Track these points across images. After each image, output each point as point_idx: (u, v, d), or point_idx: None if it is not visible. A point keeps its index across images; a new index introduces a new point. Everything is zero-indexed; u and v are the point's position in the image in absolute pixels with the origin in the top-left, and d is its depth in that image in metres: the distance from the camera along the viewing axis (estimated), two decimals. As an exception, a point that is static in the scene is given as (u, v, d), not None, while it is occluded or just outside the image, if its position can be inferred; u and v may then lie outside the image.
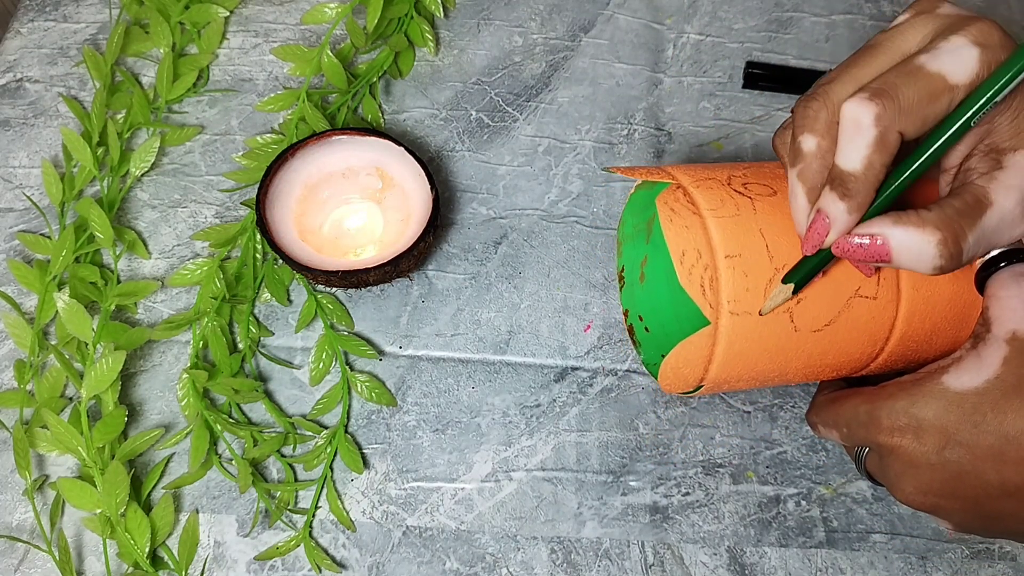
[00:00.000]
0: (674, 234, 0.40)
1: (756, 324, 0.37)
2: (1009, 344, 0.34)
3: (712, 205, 0.37)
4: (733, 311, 0.36)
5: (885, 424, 0.36)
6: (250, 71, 0.56)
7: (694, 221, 0.39)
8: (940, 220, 0.33)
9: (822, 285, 0.37)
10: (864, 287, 0.38)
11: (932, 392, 0.35)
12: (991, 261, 0.36)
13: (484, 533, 0.44)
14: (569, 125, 0.54)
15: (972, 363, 0.35)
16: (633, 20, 0.57)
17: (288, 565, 0.43)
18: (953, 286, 0.39)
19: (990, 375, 0.34)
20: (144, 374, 0.47)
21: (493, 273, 0.50)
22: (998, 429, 0.34)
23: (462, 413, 0.46)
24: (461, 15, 0.57)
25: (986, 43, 0.32)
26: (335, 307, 0.48)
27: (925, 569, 0.44)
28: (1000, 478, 0.34)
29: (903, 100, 0.32)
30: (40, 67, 0.55)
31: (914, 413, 0.35)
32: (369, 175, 0.49)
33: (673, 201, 0.40)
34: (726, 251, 0.36)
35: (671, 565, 0.43)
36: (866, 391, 0.38)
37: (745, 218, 0.37)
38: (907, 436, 0.35)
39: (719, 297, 0.36)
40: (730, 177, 0.39)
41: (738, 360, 0.38)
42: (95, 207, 0.48)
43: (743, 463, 0.45)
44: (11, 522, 0.44)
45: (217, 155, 0.53)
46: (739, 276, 0.36)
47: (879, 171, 0.33)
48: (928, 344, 0.40)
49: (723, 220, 0.37)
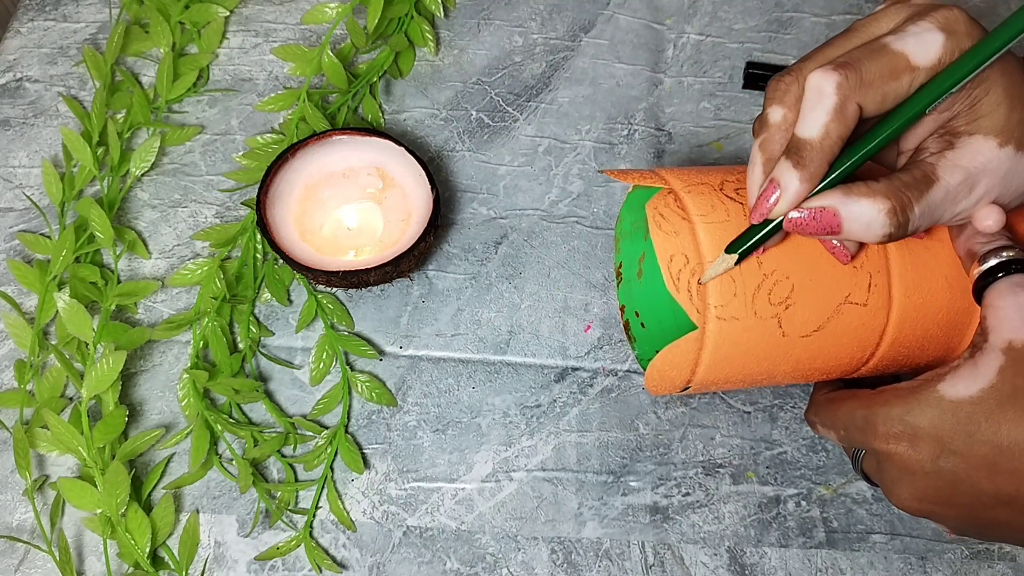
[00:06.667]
0: (662, 239, 0.40)
1: (743, 329, 0.37)
2: (1005, 354, 0.34)
3: (702, 211, 0.38)
4: (720, 316, 0.37)
5: (881, 430, 0.36)
6: (250, 71, 0.56)
7: (683, 227, 0.40)
8: (889, 190, 0.34)
9: (811, 291, 0.37)
10: (854, 294, 0.38)
11: (927, 400, 0.35)
12: (989, 271, 0.36)
13: (484, 533, 0.44)
14: (569, 125, 0.54)
15: (968, 372, 0.35)
16: (633, 20, 0.57)
17: (288, 565, 0.43)
18: (947, 293, 0.39)
19: (985, 384, 0.34)
20: (144, 374, 0.47)
21: (493, 273, 0.50)
22: (992, 439, 0.34)
23: (462, 413, 0.46)
24: (461, 15, 0.57)
25: (952, 30, 0.33)
26: (335, 307, 0.48)
27: (925, 569, 0.44)
28: (994, 488, 0.34)
29: (865, 74, 0.33)
30: (40, 67, 0.55)
31: (909, 421, 0.35)
32: (369, 175, 0.49)
33: (663, 207, 0.41)
34: (714, 257, 0.37)
35: (671, 565, 0.43)
36: (863, 395, 0.38)
37: (735, 224, 0.37)
38: (902, 443, 0.35)
39: (706, 302, 0.37)
40: (723, 182, 0.39)
41: (725, 363, 0.38)
42: (95, 207, 0.48)
43: (743, 463, 0.46)
44: (11, 522, 0.44)
45: (217, 155, 0.53)
46: (726, 281, 0.36)
47: (835, 142, 0.33)
48: (920, 350, 0.40)
49: (712, 226, 0.37)
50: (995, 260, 0.36)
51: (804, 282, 0.37)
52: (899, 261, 0.38)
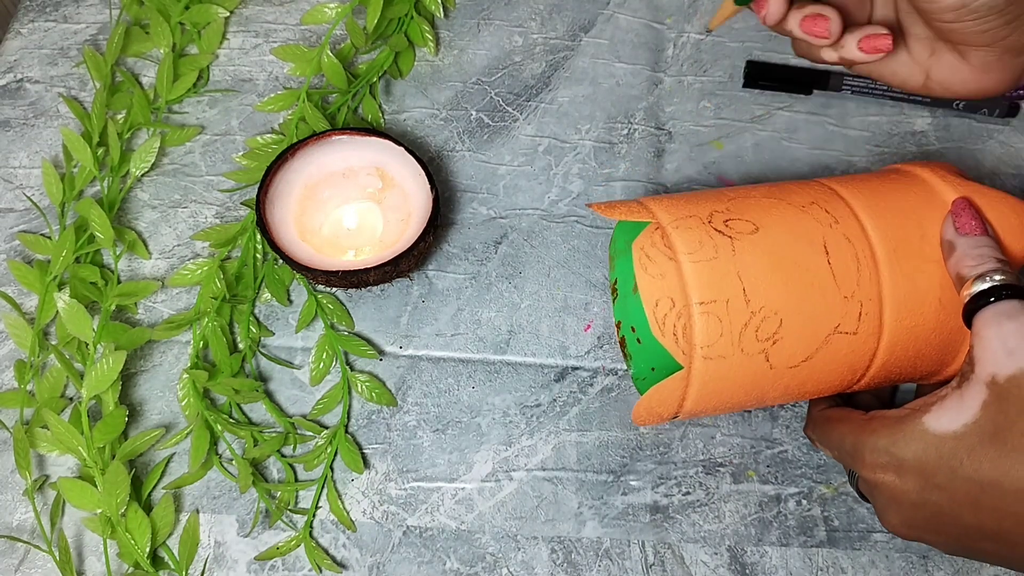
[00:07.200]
0: (647, 283, 0.40)
1: (730, 366, 0.37)
2: (988, 388, 0.34)
3: (690, 247, 0.37)
4: (707, 356, 0.36)
5: (868, 460, 0.37)
6: (250, 71, 0.56)
7: (669, 267, 0.39)
8: None
9: (800, 325, 0.37)
10: (844, 323, 0.37)
11: (913, 433, 0.35)
12: (980, 295, 0.36)
13: (484, 533, 0.44)
14: (569, 125, 0.54)
15: (954, 404, 0.35)
16: (633, 20, 0.57)
17: (288, 565, 0.43)
18: (940, 315, 0.38)
19: (968, 420, 0.34)
20: (144, 374, 0.47)
21: (493, 273, 0.50)
22: (974, 476, 0.34)
23: (462, 413, 0.46)
24: (461, 15, 0.57)
25: None
26: (335, 307, 0.48)
27: (926, 568, 0.43)
28: (977, 522, 0.34)
29: None
30: (40, 67, 0.55)
31: (895, 453, 0.36)
32: (369, 175, 0.49)
33: (649, 246, 0.40)
34: (700, 297, 0.36)
35: (672, 565, 0.43)
36: (854, 419, 0.38)
37: (723, 261, 0.37)
38: (889, 473, 0.36)
39: (692, 343, 0.36)
40: (712, 214, 0.39)
41: (712, 397, 0.38)
42: (95, 207, 0.48)
43: (744, 462, 0.45)
44: (11, 522, 0.44)
45: (217, 155, 0.53)
46: (713, 322, 0.36)
47: None
48: (912, 367, 0.40)
49: (700, 265, 0.37)
50: (984, 284, 0.36)
51: (792, 316, 0.37)
52: (892, 286, 0.38)
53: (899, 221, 0.39)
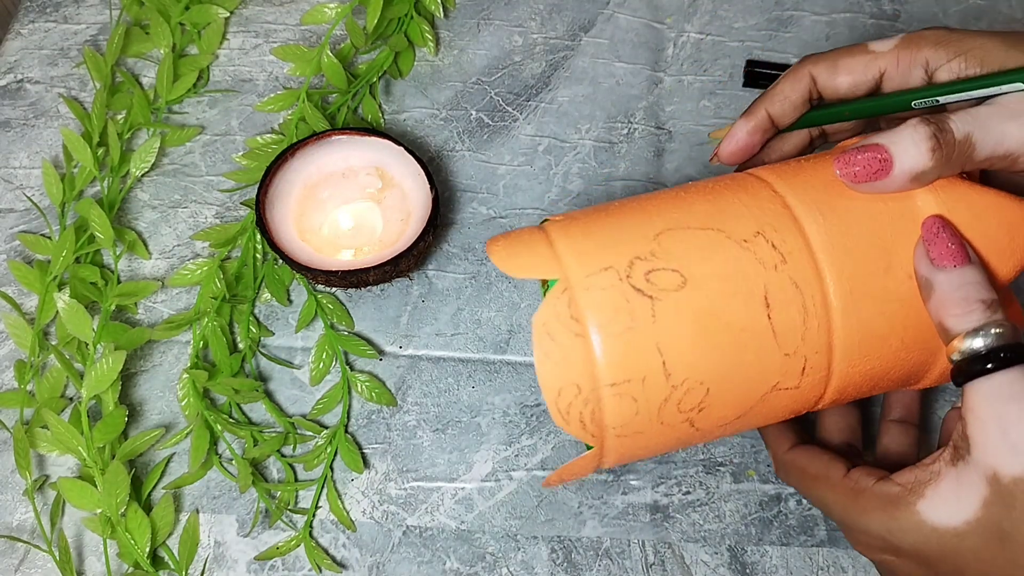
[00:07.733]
0: (548, 371, 0.32)
1: (648, 437, 0.34)
2: (990, 485, 0.31)
3: (601, 319, 0.32)
4: (620, 435, 0.33)
5: (862, 540, 0.35)
6: (250, 71, 0.56)
7: (575, 347, 0.32)
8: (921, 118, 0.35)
9: (730, 392, 0.33)
10: (784, 380, 0.34)
11: (908, 522, 0.33)
12: (974, 359, 0.32)
13: (484, 533, 0.44)
14: (569, 124, 0.54)
15: (950, 491, 0.32)
16: (633, 19, 0.57)
17: (288, 565, 0.43)
18: (902, 354, 0.35)
19: (969, 516, 0.31)
20: (144, 374, 0.47)
21: (493, 272, 0.50)
22: None
23: (462, 413, 0.46)
24: (461, 15, 0.57)
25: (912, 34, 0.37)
26: (335, 307, 0.48)
27: (927, 568, 0.43)
28: None
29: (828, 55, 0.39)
30: (40, 68, 0.55)
31: (890, 540, 0.33)
32: (369, 175, 0.49)
33: (553, 319, 0.33)
34: (612, 379, 0.32)
35: (672, 564, 0.43)
36: (836, 484, 0.36)
37: (640, 332, 0.32)
38: (887, 554, 0.35)
39: (603, 425, 0.33)
40: (633, 261, 0.33)
41: (632, 457, 0.36)
42: (95, 207, 0.48)
43: (744, 461, 0.45)
44: (11, 522, 0.44)
45: (217, 155, 0.53)
46: (627, 403, 0.32)
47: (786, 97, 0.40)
48: (875, 390, 0.37)
49: (612, 340, 0.32)
50: (977, 343, 0.31)
51: (721, 384, 0.33)
52: (845, 335, 0.34)
53: (861, 249, 0.34)
